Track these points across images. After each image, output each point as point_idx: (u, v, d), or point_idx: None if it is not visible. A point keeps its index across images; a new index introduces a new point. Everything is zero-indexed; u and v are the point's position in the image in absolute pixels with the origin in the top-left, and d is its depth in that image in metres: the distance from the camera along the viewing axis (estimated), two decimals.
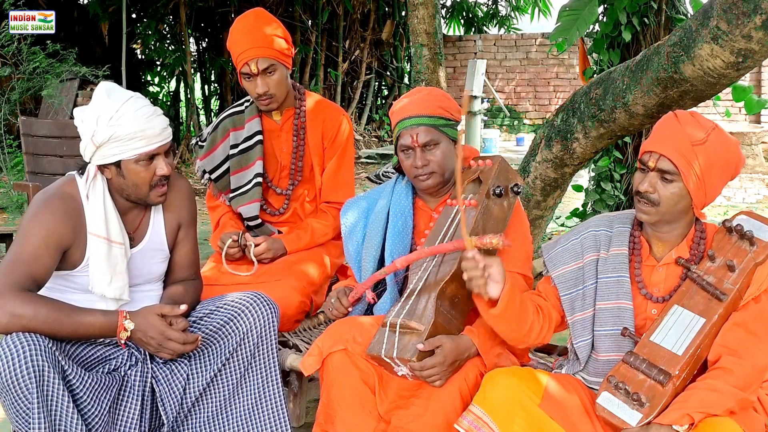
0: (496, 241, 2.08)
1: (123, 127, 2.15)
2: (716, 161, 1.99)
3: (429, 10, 5.10)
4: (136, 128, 2.16)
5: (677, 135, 1.99)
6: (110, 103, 2.18)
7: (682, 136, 1.99)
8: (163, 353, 2.21)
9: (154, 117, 2.20)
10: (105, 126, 2.16)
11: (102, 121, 2.16)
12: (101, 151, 2.19)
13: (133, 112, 2.17)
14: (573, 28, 4.36)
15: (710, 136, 1.98)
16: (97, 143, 2.18)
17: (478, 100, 9.26)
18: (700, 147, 1.97)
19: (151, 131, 2.19)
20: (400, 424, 2.13)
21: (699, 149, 1.97)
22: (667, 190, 1.99)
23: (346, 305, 2.40)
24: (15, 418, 2.02)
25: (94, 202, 2.24)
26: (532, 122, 13.40)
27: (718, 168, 2.00)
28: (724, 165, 2.01)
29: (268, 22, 2.87)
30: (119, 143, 2.17)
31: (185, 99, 11.28)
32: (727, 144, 2.01)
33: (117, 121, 2.16)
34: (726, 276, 1.98)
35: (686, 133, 1.99)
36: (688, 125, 2.01)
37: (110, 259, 2.23)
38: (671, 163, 1.97)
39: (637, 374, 1.95)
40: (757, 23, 2.64)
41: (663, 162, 1.98)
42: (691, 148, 1.97)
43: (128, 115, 2.16)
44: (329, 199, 3.01)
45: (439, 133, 2.36)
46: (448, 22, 14.21)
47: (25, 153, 4.86)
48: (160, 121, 2.22)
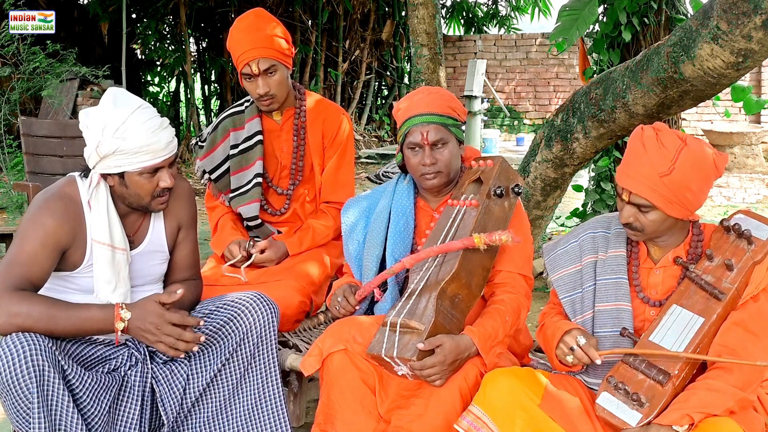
0: (504, 238, 2.09)
1: (128, 141, 2.13)
2: (689, 182, 1.96)
3: (429, 10, 5.10)
4: (142, 143, 2.14)
5: (644, 168, 1.96)
6: (117, 113, 2.15)
7: (649, 169, 1.95)
8: (163, 343, 2.14)
9: (160, 131, 2.18)
10: (110, 138, 2.14)
11: (108, 133, 2.14)
12: (105, 161, 2.18)
13: (139, 125, 2.15)
14: (573, 28, 4.36)
15: (677, 161, 1.94)
16: (101, 154, 2.16)
17: (478, 100, 9.26)
18: (668, 177, 1.94)
19: (157, 145, 2.17)
20: (400, 423, 2.13)
21: (667, 180, 1.94)
22: (647, 219, 2.00)
23: (353, 303, 2.39)
24: (15, 417, 2.03)
25: (97, 209, 2.23)
26: (532, 122, 13.40)
27: (694, 183, 1.97)
28: (699, 179, 1.98)
29: (268, 22, 2.86)
30: (124, 156, 2.15)
31: (185, 99, 11.28)
32: (696, 158, 1.96)
33: (123, 134, 2.13)
34: (724, 275, 1.98)
35: (652, 164, 1.95)
36: (653, 153, 1.96)
37: (114, 266, 2.23)
38: (643, 198, 1.97)
39: (637, 374, 1.95)
40: (757, 23, 2.64)
41: (635, 197, 1.99)
42: (659, 180, 1.95)
43: (135, 128, 2.14)
44: (329, 199, 3.01)
45: (448, 132, 2.37)
46: (448, 22, 14.21)
47: (25, 153, 4.86)
48: (167, 134, 2.20)
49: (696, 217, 2.08)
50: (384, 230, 2.48)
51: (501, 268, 2.36)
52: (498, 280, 2.36)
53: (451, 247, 2.19)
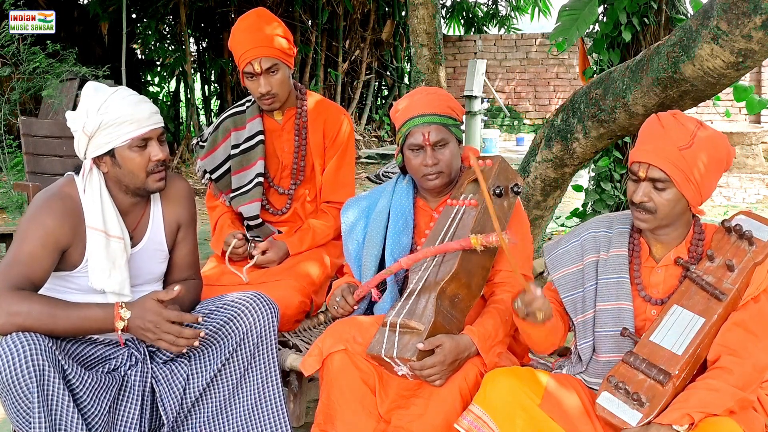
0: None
1: (111, 112, 2.18)
2: (705, 160, 1.99)
3: (429, 10, 5.09)
4: (124, 112, 2.19)
5: (663, 142, 1.99)
6: (97, 95, 2.22)
7: (668, 143, 1.98)
8: (163, 341, 2.16)
9: (141, 102, 2.24)
10: (94, 114, 2.19)
11: (91, 112, 2.20)
12: (94, 141, 2.21)
13: (120, 99, 2.21)
14: (573, 28, 4.36)
15: (695, 137, 1.98)
16: (88, 133, 2.20)
17: (478, 100, 9.26)
18: (687, 151, 1.97)
19: (140, 114, 2.21)
20: (400, 423, 2.13)
21: (686, 153, 1.97)
22: (662, 198, 2.00)
23: (351, 303, 2.39)
24: (15, 417, 2.03)
25: (91, 195, 2.25)
26: (532, 122, 13.40)
27: (709, 166, 2.00)
28: (714, 162, 2.01)
29: (270, 21, 2.87)
30: (110, 129, 2.19)
31: (185, 99, 11.28)
32: (713, 140, 2.01)
33: (105, 108, 2.19)
34: (725, 276, 1.98)
35: (671, 138, 1.99)
36: (672, 129, 2.00)
37: (109, 253, 2.23)
38: (662, 172, 1.97)
39: (637, 374, 1.95)
40: (757, 23, 2.64)
41: (653, 171, 1.98)
42: (678, 153, 1.97)
43: (116, 102, 2.20)
44: (330, 199, 3.01)
45: (449, 132, 2.37)
46: (448, 22, 14.21)
47: (25, 153, 4.87)
48: (148, 106, 2.25)
49: (701, 212, 2.09)
50: (383, 230, 2.48)
51: (501, 268, 2.36)
52: (498, 280, 2.36)
53: (449, 248, 2.20)
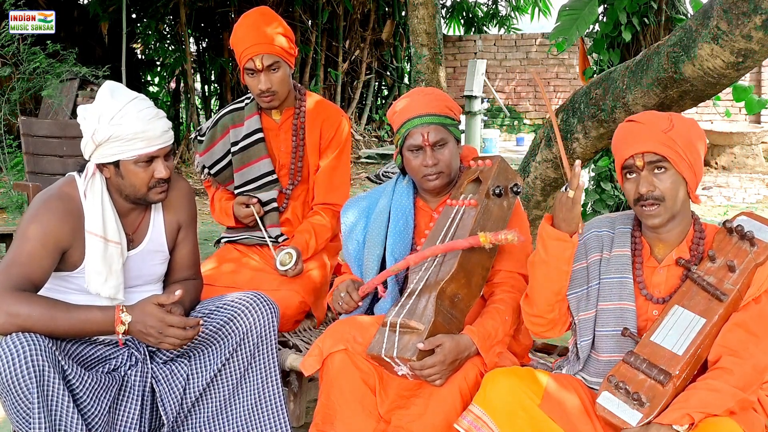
0: (511, 237, 2.09)
1: (124, 126, 2.15)
2: (690, 138, 2.04)
3: (429, 10, 5.09)
4: (137, 129, 2.16)
5: (647, 130, 2.04)
6: (113, 102, 2.18)
7: (652, 129, 2.03)
8: (165, 343, 2.16)
9: (156, 119, 2.20)
10: (106, 125, 2.16)
11: (104, 120, 2.16)
12: (101, 150, 2.19)
13: (135, 113, 2.17)
14: (573, 27, 4.35)
15: (673, 121, 2.04)
16: (97, 142, 2.18)
17: (478, 100, 9.26)
18: (672, 131, 2.02)
19: (152, 133, 2.18)
20: (401, 423, 2.13)
21: (672, 133, 2.02)
22: (665, 183, 2.01)
23: (356, 299, 2.37)
24: (15, 418, 2.02)
25: (92, 200, 2.24)
26: (532, 122, 13.40)
27: (694, 144, 2.05)
28: (695, 141, 2.06)
29: (272, 20, 2.88)
30: (119, 143, 2.17)
31: (185, 99, 11.28)
32: (689, 123, 2.07)
33: (119, 120, 2.15)
34: (726, 276, 1.98)
35: (653, 126, 2.04)
36: (650, 119, 2.06)
37: (106, 258, 2.23)
38: (656, 154, 2.01)
39: (638, 374, 1.95)
40: (757, 23, 2.64)
41: (649, 156, 2.01)
42: (665, 135, 2.01)
43: (130, 116, 2.16)
44: (324, 201, 3.00)
45: (448, 132, 2.37)
46: (448, 22, 14.22)
47: (25, 153, 4.86)
48: (162, 123, 2.22)
49: (698, 199, 2.11)
50: (384, 230, 2.48)
51: (501, 268, 2.36)
52: (498, 280, 2.36)
53: (456, 246, 2.19)
